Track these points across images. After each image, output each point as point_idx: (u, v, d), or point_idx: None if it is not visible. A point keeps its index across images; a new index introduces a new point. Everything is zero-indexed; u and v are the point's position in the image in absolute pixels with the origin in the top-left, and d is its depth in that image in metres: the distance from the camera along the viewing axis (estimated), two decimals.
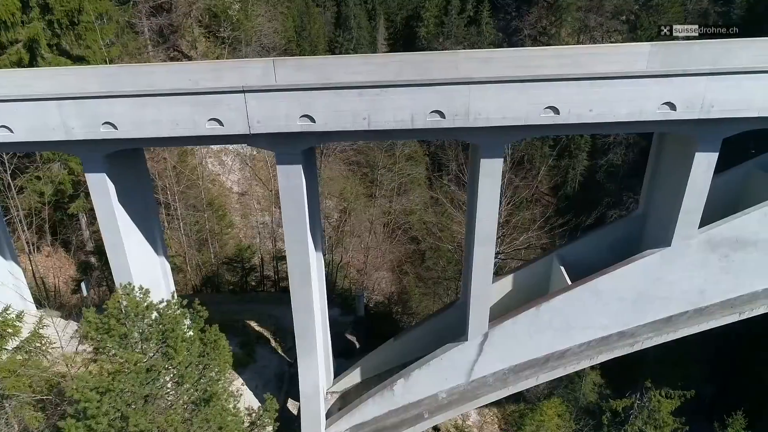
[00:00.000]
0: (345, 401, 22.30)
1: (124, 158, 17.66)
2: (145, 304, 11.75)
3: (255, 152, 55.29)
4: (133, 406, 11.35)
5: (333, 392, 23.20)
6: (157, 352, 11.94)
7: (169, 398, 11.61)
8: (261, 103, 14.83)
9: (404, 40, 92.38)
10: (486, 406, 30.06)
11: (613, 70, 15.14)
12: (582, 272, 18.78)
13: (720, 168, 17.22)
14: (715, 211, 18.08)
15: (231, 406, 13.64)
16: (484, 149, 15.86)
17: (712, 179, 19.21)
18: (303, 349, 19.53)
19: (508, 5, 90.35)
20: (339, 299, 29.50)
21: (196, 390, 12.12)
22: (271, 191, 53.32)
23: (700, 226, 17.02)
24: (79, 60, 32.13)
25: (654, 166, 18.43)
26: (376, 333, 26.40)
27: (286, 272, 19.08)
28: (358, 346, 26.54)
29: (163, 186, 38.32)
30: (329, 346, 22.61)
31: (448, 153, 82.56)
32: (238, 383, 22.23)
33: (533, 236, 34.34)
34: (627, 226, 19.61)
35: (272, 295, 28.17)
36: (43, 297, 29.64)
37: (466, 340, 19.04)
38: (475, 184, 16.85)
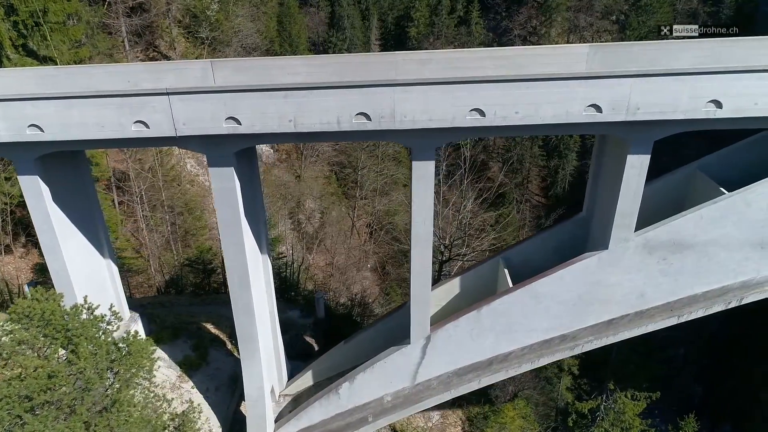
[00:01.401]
0: (297, 404, 22.18)
1: (62, 160, 17.57)
2: (51, 309, 11.63)
3: None
4: (38, 413, 11.24)
5: (286, 395, 23.11)
6: (64, 358, 11.82)
7: (75, 405, 11.49)
8: (186, 106, 14.72)
9: (395, 40, 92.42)
10: (449, 407, 29.96)
11: (552, 71, 15.04)
12: (528, 275, 18.63)
13: None
14: (661, 213, 17.95)
15: (150, 411, 13.49)
16: (415, 151, 15.75)
17: (658, 181, 19.23)
18: (246, 353, 19.45)
19: (498, 5, 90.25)
20: (303, 301, 29.40)
21: (106, 396, 12.00)
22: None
23: (642, 228, 16.93)
24: (46, 61, 32.04)
25: (595, 169, 18.33)
26: (336, 334, 26.23)
27: None
28: (317, 348, 26.43)
29: (138, 187, 38.32)
30: (280, 348, 22.50)
31: (437, 152, 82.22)
32: (187, 386, 22.16)
33: (497, 237, 34.19)
34: (572, 229, 19.49)
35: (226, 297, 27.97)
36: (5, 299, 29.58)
37: (409, 343, 18.93)
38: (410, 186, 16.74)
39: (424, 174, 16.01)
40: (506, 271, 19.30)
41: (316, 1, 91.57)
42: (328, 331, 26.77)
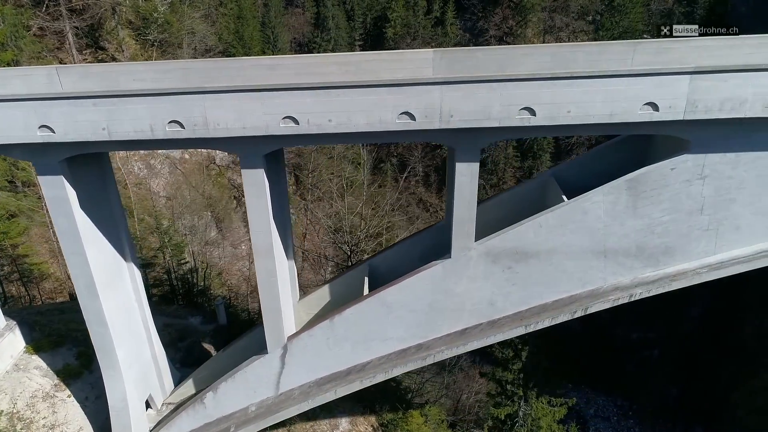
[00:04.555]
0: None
1: None
2: None
3: (186, 155, 54.99)
4: None
5: (169, 403, 22.83)
6: None
7: None
8: None
9: (373, 40, 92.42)
10: (360, 414, 29.64)
11: (399, 77, 14.78)
12: None
13: None
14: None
15: None
16: (242, 159, 15.49)
17: (519, 187, 18.96)
18: (105, 363, 19.26)
19: (474, 6, 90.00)
20: (210, 307, 29.13)
21: None
22: (201, 194, 53.14)
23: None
24: None
25: (449, 176, 18.03)
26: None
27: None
28: (214, 354, 26.12)
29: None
30: (160, 356, 22.19)
31: (414, 154, 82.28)
32: (63, 395, 21.89)
33: None
34: (436, 236, 19.16)
35: None
36: None
37: (267, 353, 18.68)
38: None
39: (254, 182, 15.73)
40: (366, 279, 19.03)
41: (301, 1, 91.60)
42: (228, 338, 26.46)
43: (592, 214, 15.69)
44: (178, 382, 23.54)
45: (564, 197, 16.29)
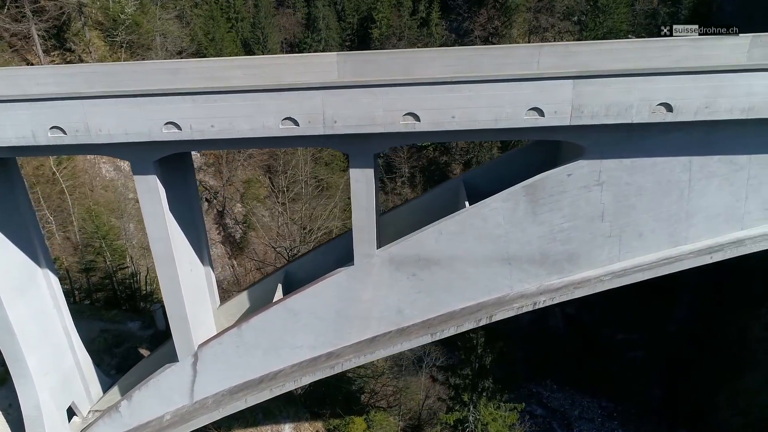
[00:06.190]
0: None
1: None
2: None
3: None
4: None
5: (97, 410, 22.54)
6: None
7: None
8: None
9: (360, 41, 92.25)
10: (306, 420, 29.38)
11: (306, 80, 14.60)
12: None
13: None
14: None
15: None
16: (133, 165, 15.21)
17: (434, 191, 18.71)
18: (15, 371, 18.96)
19: (459, 6, 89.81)
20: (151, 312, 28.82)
21: None
22: None
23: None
24: None
25: None
26: None
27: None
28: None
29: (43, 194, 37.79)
30: (85, 363, 21.89)
31: (400, 155, 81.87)
32: None
33: None
34: (351, 243, 18.88)
35: (76, 307, 27.49)
36: None
37: (177, 360, 18.39)
38: None
39: (147, 189, 15.45)
40: (280, 285, 18.75)
41: (292, 2, 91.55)
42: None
43: (491, 220, 15.38)
44: (109, 388, 23.27)
45: (467, 203, 15.97)
